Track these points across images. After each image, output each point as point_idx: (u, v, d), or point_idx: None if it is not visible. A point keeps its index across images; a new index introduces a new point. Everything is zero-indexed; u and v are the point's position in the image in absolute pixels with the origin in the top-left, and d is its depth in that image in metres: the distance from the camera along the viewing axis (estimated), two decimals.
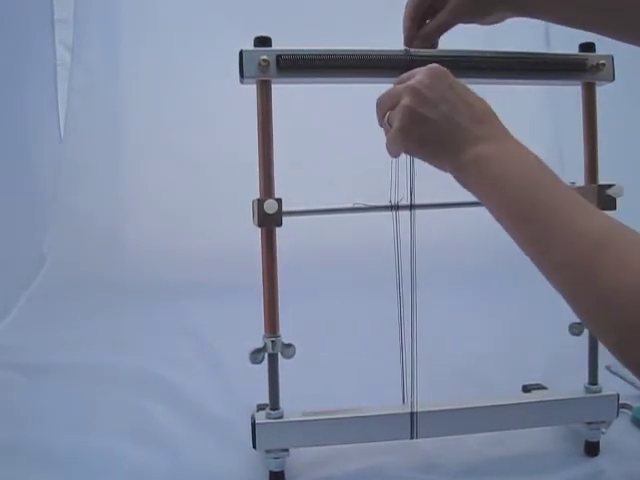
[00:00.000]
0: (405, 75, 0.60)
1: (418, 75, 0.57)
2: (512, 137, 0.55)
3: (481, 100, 0.57)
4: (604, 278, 0.43)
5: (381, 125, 0.61)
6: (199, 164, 1.87)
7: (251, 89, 0.69)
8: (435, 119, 0.55)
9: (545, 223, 0.49)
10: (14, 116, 1.56)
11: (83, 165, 1.87)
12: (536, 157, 0.53)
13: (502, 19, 0.70)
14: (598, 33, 0.67)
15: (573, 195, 0.50)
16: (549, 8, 0.67)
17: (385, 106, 0.60)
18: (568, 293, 0.47)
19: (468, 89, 0.57)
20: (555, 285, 0.48)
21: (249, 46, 0.67)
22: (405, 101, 0.56)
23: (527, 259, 0.51)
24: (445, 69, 0.57)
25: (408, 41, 0.71)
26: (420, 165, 0.70)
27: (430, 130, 0.55)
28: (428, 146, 0.57)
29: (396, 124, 0.57)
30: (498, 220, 0.53)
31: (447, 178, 0.71)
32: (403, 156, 0.70)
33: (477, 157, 0.53)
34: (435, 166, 0.57)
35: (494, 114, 0.57)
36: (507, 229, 0.52)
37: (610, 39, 0.66)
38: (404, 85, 0.57)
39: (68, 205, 1.82)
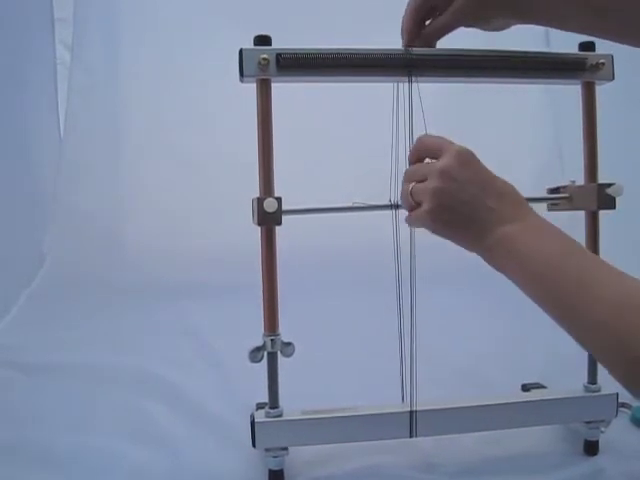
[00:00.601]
0: (430, 150, 0.61)
1: (446, 158, 0.58)
2: (535, 215, 0.57)
3: (504, 182, 0.59)
4: (629, 342, 0.46)
5: (403, 200, 0.62)
6: (199, 164, 1.87)
7: (251, 88, 0.69)
8: (464, 201, 0.57)
9: (569, 295, 0.51)
10: (14, 116, 1.56)
11: (83, 165, 1.87)
12: (558, 230, 0.56)
13: (506, 26, 0.69)
14: (608, 39, 0.66)
15: (596, 262, 0.53)
16: (554, 14, 0.66)
17: (410, 181, 0.61)
18: (596, 355, 0.51)
19: (491, 172, 0.59)
20: (585, 347, 0.52)
21: (249, 45, 0.67)
22: (435, 183, 0.57)
23: None
24: (471, 152, 0.59)
25: (408, 42, 0.70)
26: None
27: (459, 212, 0.57)
28: (455, 228, 0.58)
29: (426, 206, 0.58)
30: (527, 294, 0.55)
31: None
32: (403, 155, 0.70)
33: (503, 238, 0.55)
34: (461, 246, 0.59)
35: (517, 193, 0.59)
36: (536, 302, 0.54)
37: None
38: (434, 168, 0.58)
39: (68, 205, 1.82)
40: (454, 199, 0.57)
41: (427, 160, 0.62)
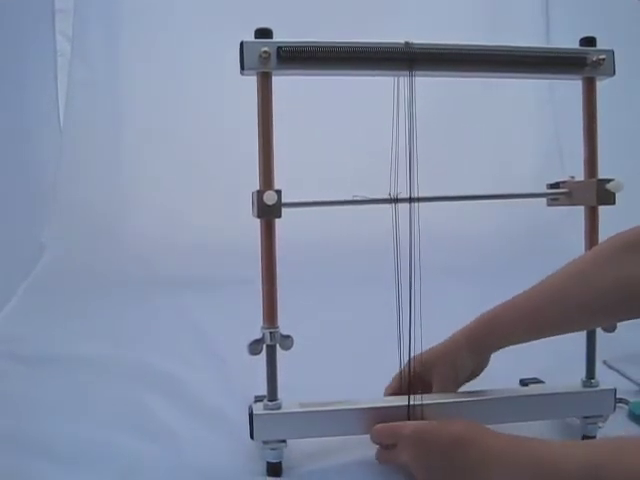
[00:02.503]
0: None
1: (403, 443, 0.68)
2: (493, 433, 0.64)
3: (448, 423, 0.67)
4: None
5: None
6: (200, 157, 1.87)
7: (252, 81, 0.69)
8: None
9: None
10: (14, 107, 1.55)
11: (83, 156, 1.86)
12: (521, 442, 0.61)
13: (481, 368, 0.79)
14: None
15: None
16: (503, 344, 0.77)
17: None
18: None
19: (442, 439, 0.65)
20: None
21: (250, 38, 0.67)
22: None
23: (527, 258, 0.51)
24: (420, 439, 0.67)
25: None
26: (422, 160, 0.70)
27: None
28: None
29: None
30: None
31: (449, 173, 0.71)
32: (403, 149, 0.70)
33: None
34: None
35: (467, 434, 0.64)
36: None
37: (610, 35, 0.66)
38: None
39: (68, 196, 1.82)
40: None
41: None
